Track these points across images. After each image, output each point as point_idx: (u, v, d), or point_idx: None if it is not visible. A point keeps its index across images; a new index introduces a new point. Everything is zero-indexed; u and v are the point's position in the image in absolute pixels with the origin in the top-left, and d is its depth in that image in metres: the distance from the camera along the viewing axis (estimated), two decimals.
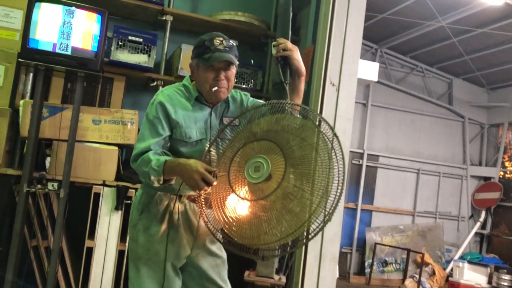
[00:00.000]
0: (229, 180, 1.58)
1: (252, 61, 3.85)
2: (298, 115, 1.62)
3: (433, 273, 7.07)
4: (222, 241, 1.65)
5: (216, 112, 1.86)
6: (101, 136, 3.32)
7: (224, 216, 1.58)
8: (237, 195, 1.55)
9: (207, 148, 1.71)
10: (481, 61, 7.35)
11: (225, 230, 1.57)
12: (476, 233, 7.91)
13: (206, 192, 1.65)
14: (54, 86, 3.50)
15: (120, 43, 3.51)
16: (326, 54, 3.29)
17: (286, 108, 1.59)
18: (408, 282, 6.76)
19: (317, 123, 1.51)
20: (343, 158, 1.43)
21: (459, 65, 7.71)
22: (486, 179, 8.25)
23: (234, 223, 1.55)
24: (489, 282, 6.57)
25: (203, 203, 1.66)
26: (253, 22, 3.86)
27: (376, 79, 5.57)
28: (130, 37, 3.52)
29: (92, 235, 3.21)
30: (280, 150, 1.48)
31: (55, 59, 2.75)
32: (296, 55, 1.84)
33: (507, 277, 6.35)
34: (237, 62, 1.81)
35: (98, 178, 3.24)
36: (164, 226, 1.78)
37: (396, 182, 7.83)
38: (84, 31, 2.82)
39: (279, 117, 1.57)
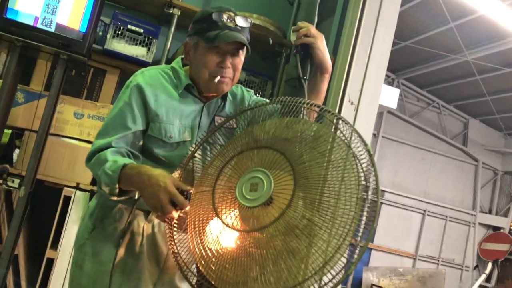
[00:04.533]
0: (213, 198, 1.15)
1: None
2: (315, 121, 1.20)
3: None
4: (193, 283, 1.20)
5: (209, 109, 1.43)
6: (82, 132, 2.90)
7: (201, 247, 1.15)
8: (222, 221, 1.12)
9: (190, 152, 1.29)
10: (502, 104, 6.97)
11: (200, 267, 1.13)
12: (479, 286, 7.39)
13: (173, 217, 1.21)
14: (38, 70, 3.11)
15: (117, 31, 3.12)
16: (347, 69, 2.90)
17: (303, 109, 1.17)
18: None
19: (343, 135, 1.09)
20: (377, 186, 1.01)
21: (478, 105, 7.34)
22: (495, 228, 7.78)
23: (213, 259, 1.11)
24: None
25: (175, 225, 1.22)
26: (268, 27, 3.47)
27: (395, 106, 5.18)
28: (129, 26, 3.14)
29: (55, 245, 2.77)
30: (288, 165, 1.05)
31: (35, 35, 2.35)
32: (321, 44, 1.42)
33: None
34: (249, 47, 1.40)
35: (71, 179, 2.82)
36: (121, 252, 1.33)
37: (400, 221, 7.37)
38: (73, 8, 2.43)
39: (291, 121, 1.14)
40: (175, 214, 1.16)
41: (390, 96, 4.99)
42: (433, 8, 4.98)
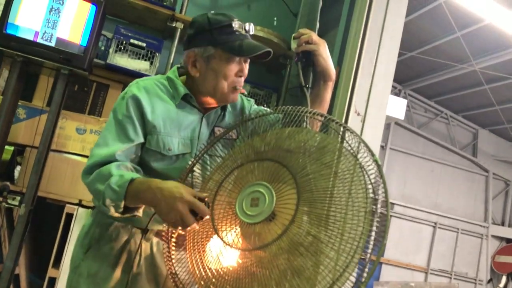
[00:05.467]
0: (212, 215, 1.09)
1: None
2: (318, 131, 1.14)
3: None
4: None
5: (208, 120, 1.37)
6: (84, 148, 2.86)
7: (201, 267, 1.08)
8: (222, 240, 1.05)
9: (189, 166, 1.23)
10: None
11: None
12: None
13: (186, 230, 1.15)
14: (40, 86, 3.09)
15: (120, 45, 3.10)
16: (353, 79, 2.84)
17: (306, 118, 1.11)
18: None
19: (349, 144, 1.02)
20: (386, 198, 0.94)
21: (487, 115, 7.23)
22: (509, 240, 7.60)
23: (213, 280, 1.04)
24: None
25: (174, 243, 1.16)
26: (272, 38, 3.43)
27: (402, 117, 5.10)
28: (132, 40, 3.11)
29: (57, 263, 2.70)
30: (291, 178, 0.99)
31: (35, 50, 2.32)
32: (324, 51, 1.37)
33: None
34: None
35: (73, 196, 2.77)
36: (118, 272, 1.26)
37: (410, 234, 7.22)
38: (73, 22, 2.41)
39: (293, 131, 1.08)
40: (196, 226, 1.07)
41: (398, 107, 4.92)
42: (439, 18, 4.93)
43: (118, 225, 1.30)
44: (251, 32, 1.35)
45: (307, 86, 1.33)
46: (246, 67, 1.35)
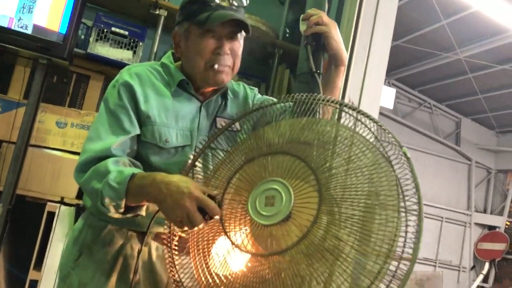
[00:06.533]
0: (221, 216, 0.97)
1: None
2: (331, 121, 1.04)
3: None
4: None
5: (208, 109, 1.25)
6: (65, 142, 2.71)
7: (207, 273, 0.97)
8: (231, 241, 0.94)
9: (190, 162, 1.11)
10: (494, 102, 6.92)
11: None
12: (477, 287, 7.29)
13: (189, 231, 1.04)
14: (16, 77, 2.91)
15: (101, 34, 2.93)
16: (346, 67, 2.75)
17: (319, 107, 1.00)
18: None
19: (374, 135, 0.93)
20: (418, 195, 0.85)
21: (469, 104, 7.27)
22: (491, 228, 7.71)
23: (222, 287, 0.94)
24: None
25: (176, 247, 1.04)
26: (260, 26, 3.32)
27: (391, 107, 5.06)
28: (113, 29, 2.95)
29: (39, 265, 2.56)
30: (311, 173, 0.89)
31: (10, 38, 2.16)
32: (335, 33, 1.25)
33: None
34: (250, 29, 1.22)
35: (55, 193, 2.62)
36: (113, 281, 1.14)
37: None
38: (51, 7, 2.25)
39: (310, 121, 0.98)
40: (203, 225, 0.96)
41: (386, 96, 4.86)
42: (426, 5, 4.88)
43: (112, 228, 1.17)
44: (236, 3, 1.19)
45: (318, 71, 1.22)
46: (232, 44, 1.20)
